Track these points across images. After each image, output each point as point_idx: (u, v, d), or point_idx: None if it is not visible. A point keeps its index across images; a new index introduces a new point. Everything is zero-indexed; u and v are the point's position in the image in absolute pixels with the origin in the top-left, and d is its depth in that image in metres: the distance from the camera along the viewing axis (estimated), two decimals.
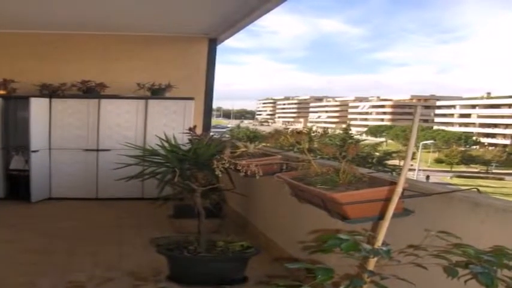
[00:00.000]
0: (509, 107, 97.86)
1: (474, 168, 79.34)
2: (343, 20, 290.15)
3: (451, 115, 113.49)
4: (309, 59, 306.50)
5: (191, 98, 10.56)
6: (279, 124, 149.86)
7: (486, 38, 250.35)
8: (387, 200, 2.83)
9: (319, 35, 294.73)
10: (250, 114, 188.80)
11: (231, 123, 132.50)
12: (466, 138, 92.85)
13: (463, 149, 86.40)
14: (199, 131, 8.52)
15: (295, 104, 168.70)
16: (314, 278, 2.34)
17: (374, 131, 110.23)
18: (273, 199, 6.79)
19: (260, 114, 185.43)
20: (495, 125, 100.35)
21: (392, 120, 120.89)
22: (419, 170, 64.84)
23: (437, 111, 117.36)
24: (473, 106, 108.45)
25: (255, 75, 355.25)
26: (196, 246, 5.55)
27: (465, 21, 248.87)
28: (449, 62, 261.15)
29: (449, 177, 70.83)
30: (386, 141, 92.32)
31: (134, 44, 11.50)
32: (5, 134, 10.42)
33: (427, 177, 62.96)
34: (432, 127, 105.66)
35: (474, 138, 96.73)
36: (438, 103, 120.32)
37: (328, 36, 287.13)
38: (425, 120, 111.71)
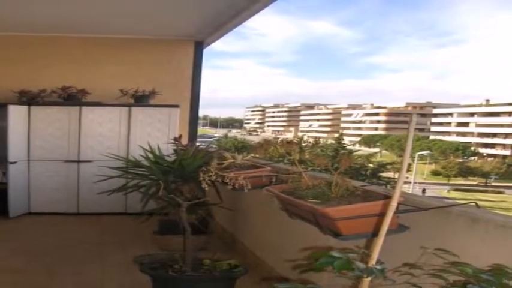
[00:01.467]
0: (509, 115, 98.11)
1: (472, 181, 79.54)
2: (334, 22, 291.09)
3: (448, 124, 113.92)
4: (299, 63, 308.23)
5: (176, 106, 10.48)
6: (268, 133, 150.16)
7: (485, 41, 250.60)
8: (381, 215, 2.83)
9: (309, 38, 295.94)
10: (238, 123, 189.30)
11: (218, 132, 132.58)
12: (463, 149, 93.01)
13: (460, 160, 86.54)
14: (184, 140, 8.52)
15: (285, 111, 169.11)
16: None
17: (368, 140, 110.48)
18: (262, 214, 6.76)
19: (248, 123, 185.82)
20: (494, 135, 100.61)
21: (386, 129, 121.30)
22: (415, 182, 64.99)
23: (434, 120, 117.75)
24: (472, 114, 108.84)
25: (243, 81, 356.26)
26: (182, 264, 5.51)
27: (462, 23, 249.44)
28: (446, 67, 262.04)
29: (446, 191, 70.98)
30: (380, 151, 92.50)
31: (117, 48, 11.38)
32: None
33: (423, 190, 63.25)
34: (428, 136, 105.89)
35: (472, 148, 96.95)
36: (435, 111, 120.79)
37: (319, 39, 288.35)
38: (421, 129, 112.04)
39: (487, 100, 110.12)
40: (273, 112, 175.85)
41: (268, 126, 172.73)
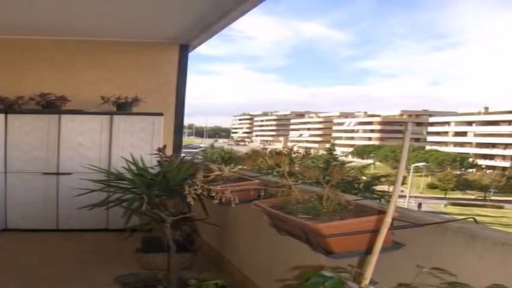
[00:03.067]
0: (509, 124, 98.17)
1: (471, 195, 79.57)
2: (327, 24, 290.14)
3: (445, 133, 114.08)
4: (289, 68, 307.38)
5: (160, 114, 10.43)
6: (256, 143, 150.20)
7: (484, 44, 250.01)
8: (375, 232, 2.82)
9: (300, 41, 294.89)
10: (225, 132, 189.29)
11: (204, 142, 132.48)
12: (461, 160, 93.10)
13: (458, 172, 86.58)
14: (169, 151, 8.50)
15: (275, 120, 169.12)
16: None
17: (361, 151, 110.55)
18: (251, 230, 6.73)
19: (236, 132, 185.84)
20: (493, 145, 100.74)
21: (380, 139, 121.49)
22: (411, 196, 65.03)
23: (430, 129, 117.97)
24: (470, 123, 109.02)
25: (230, 87, 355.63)
26: (166, 284, 5.51)
27: (461, 25, 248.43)
28: (443, 72, 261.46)
29: (443, 205, 71.09)
30: (374, 163, 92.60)
31: (97, 51, 11.24)
32: None
33: (419, 205, 63.44)
34: (424, 147, 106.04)
35: (470, 159, 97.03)
36: (431, 119, 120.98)
37: (311, 42, 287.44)
38: (417, 139, 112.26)
39: (486, 108, 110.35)
40: (262, 121, 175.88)
41: (256, 135, 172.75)
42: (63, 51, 11.12)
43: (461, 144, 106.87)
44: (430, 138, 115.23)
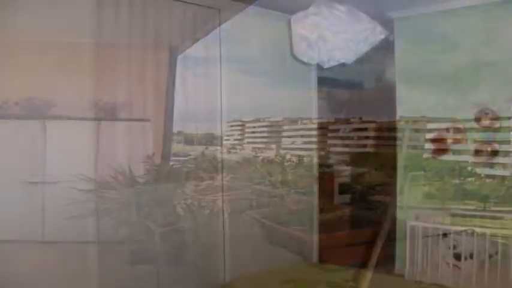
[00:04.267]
0: (509, 130, 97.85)
1: (470, 205, 79.37)
2: None
3: (444, 140, 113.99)
4: (284, 70, 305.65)
5: (148, 120, 10.39)
6: (248, 151, 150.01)
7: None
8: (371, 244, 2.84)
9: (294, 42, 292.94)
10: (216, 140, 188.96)
11: (195, 150, 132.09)
12: (460, 169, 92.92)
13: (457, 181, 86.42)
14: (158, 159, 8.49)
15: (267, 126, 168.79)
16: None
17: (356, 158, 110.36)
18: (243, 241, 6.73)
19: (227, 140, 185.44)
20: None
21: (376, 145, 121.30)
22: (408, 207, 64.86)
23: (428, 136, 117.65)
24: (469, 129, 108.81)
25: (222, 91, 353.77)
26: None
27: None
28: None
29: (441, 216, 70.97)
30: (369, 172, 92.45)
31: (87, 53, 11.19)
32: None
33: (416, 216, 63.41)
34: (422, 154, 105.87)
35: (469, 168, 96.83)
36: (429, 126, 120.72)
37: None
38: (414, 147, 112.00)
39: (486, 113, 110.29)
40: (254, 127, 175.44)
41: (248, 142, 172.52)
42: (50, 52, 11.06)
43: (460, 152, 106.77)
44: (427, 146, 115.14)
